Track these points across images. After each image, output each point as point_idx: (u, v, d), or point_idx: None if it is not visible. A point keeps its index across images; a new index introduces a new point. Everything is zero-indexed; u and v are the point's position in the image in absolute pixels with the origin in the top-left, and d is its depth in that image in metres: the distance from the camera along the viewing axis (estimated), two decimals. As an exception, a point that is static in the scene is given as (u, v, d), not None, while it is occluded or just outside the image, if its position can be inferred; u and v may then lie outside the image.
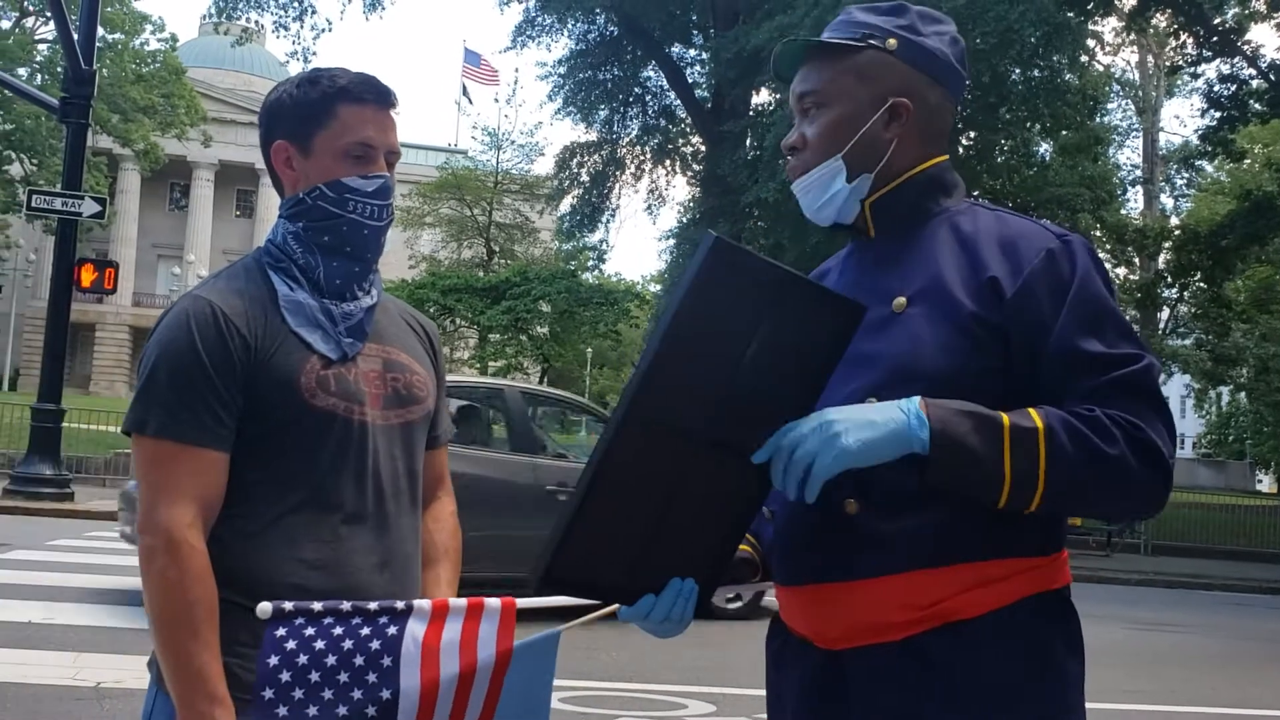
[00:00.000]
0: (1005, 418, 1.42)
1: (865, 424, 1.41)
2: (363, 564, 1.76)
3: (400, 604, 1.59)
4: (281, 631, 1.51)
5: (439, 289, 27.56)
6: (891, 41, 1.61)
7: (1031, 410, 1.44)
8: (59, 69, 26.84)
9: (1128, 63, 39.37)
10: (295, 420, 1.73)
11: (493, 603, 1.61)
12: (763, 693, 1.75)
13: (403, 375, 1.86)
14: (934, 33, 1.64)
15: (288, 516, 1.73)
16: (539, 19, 28.21)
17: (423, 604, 1.60)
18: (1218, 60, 22.84)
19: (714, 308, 1.36)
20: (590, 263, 40.45)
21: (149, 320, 48.72)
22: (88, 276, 14.37)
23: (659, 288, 37.63)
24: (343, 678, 1.52)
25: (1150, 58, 36.98)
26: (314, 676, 1.51)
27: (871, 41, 1.61)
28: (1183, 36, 23.69)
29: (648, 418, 1.36)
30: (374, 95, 1.82)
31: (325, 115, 1.80)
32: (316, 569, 1.72)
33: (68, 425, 15.18)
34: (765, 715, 1.72)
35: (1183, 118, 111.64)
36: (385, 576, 1.79)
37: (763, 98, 25.83)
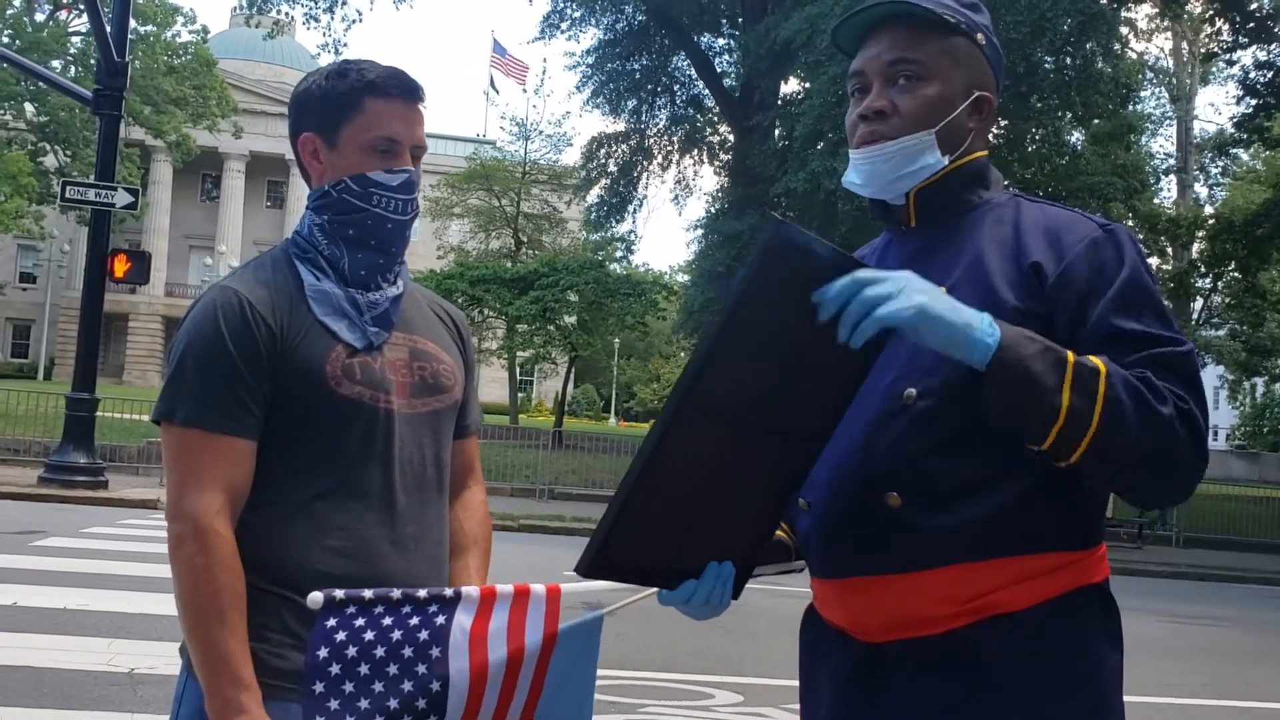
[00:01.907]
0: (1071, 353, 1.40)
1: (948, 303, 1.39)
2: (388, 552, 1.77)
3: (449, 591, 1.61)
4: (331, 622, 1.53)
5: (467, 279, 27.63)
6: (980, 36, 1.61)
7: (1094, 356, 1.41)
8: (92, 61, 27.10)
9: (1161, 50, 38.95)
10: (321, 408, 1.75)
11: (538, 589, 1.63)
12: (790, 683, 1.75)
13: (429, 364, 1.87)
14: (994, 38, 1.66)
15: (314, 504, 1.75)
16: (567, 9, 28.20)
17: (470, 591, 1.62)
18: (1254, 46, 22.53)
19: (775, 293, 1.35)
20: (618, 253, 40.45)
21: (181, 310, 49.08)
22: (121, 267, 14.50)
23: (687, 278, 37.59)
24: (392, 670, 1.54)
25: (1184, 44, 36.53)
26: (363, 669, 1.53)
27: (964, 29, 1.60)
28: (1218, 23, 23.40)
29: (704, 403, 1.36)
30: (401, 90, 1.82)
31: (352, 109, 1.80)
32: (342, 556, 1.73)
33: (101, 414, 15.34)
34: (793, 705, 1.72)
35: (1217, 105, 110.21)
36: (411, 564, 1.80)
37: (791, 87, 25.73)
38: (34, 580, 7.86)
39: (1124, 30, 23.82)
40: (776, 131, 24.23)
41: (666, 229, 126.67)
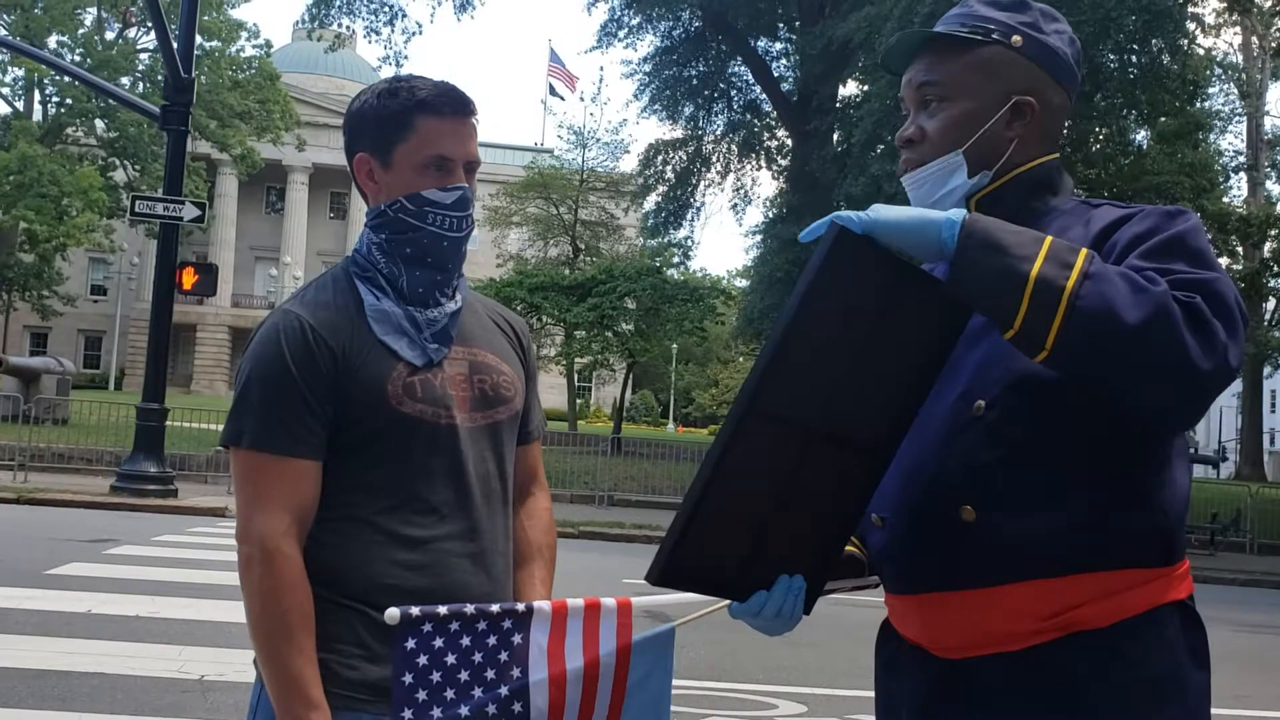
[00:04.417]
0: (1052, 236, 1.36)
1: (911, 209, 1.40)
2: (456, 565, 1.79)
3: (521, 606, 1.63)
4: (411, 644, 1.55)
5: (526, 287, 27.81)
6: (1016, 38, 1.58)
7: None
8: (159, 77, 27.71)
9: (1230, 45, 38.14)
10: (384, 427, 1.76)
11: (609, 602, 1.65)
12: (854, 692, 1.74)
13: (490, 376, 1.88)
14: (1054, 31, 1.62)
15: (382, 519, 1.76)
16: (624, 18, 28.31)
17: (543, 606, 1.64)
18: (1327, 40, 21.95)
19: (836, 300, 1.35)
20: (675, 259, 40.47)
21: (247, 320, 50.09)
22: (189, 279, 14.80)
23: (745, 283, 37.51)
24: (477, 693, 1.57)
25: (1254, 39, 35.75)
26: (449, 694, 1.55)
27: (996, 37, 1.58)
28: (1289, 17, 22.81)
29: (767, 411, 1.36)
30: (452, 106, 1.83)
31: (404, 128, 1.81)
32: (412, 569, 1.75)
33: (171, 424, 15.66)
34: (856, 715, 1.70)
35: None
36: (479, 576, 1.81)
37: (850, 89, 25.59)
38: (107, 588, 8.04)
39: (1191, 26, 23.36)
40: (835, 136, 24.11)
41: (724, 233, 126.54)
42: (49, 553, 9.59)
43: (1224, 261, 31.00)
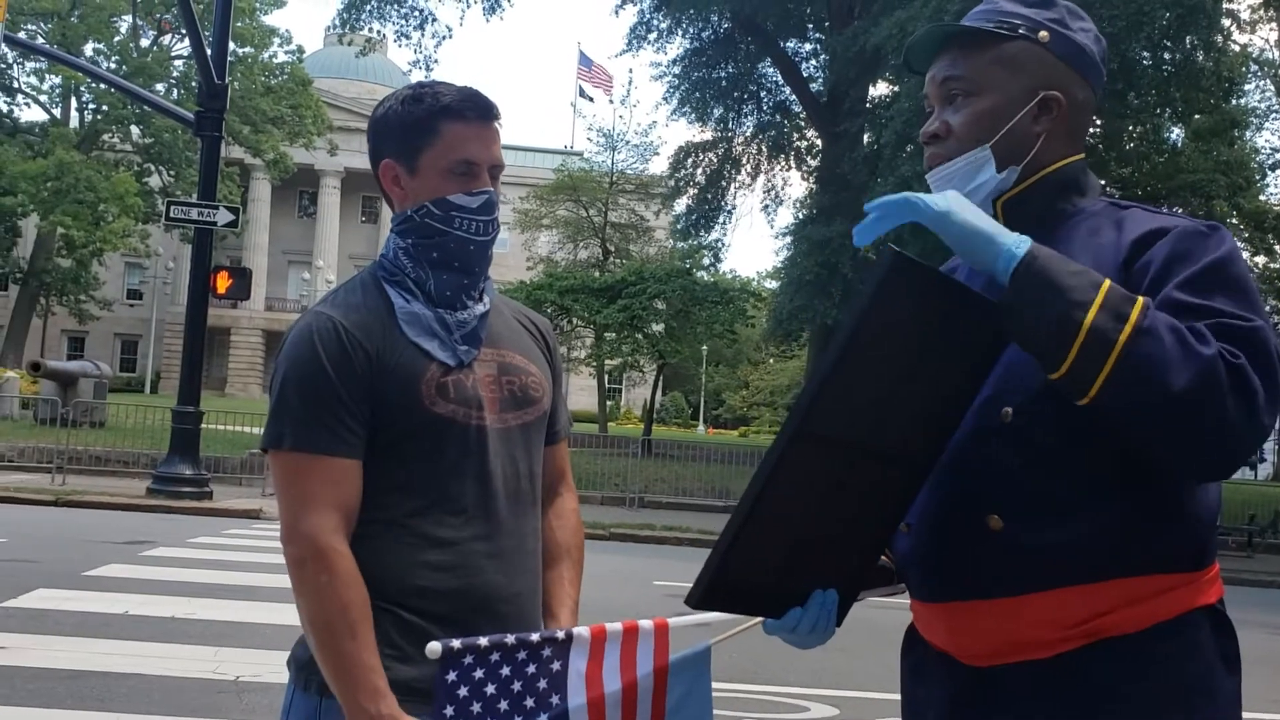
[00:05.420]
0: (1110, 280, 1.35)
1: (982, 215, 1.40)
2: (486, 565, 1.80)
3: (560, 633, 1.65)
4: (452, 676, 1.56)
5: (556, 290, 27.85)
6: (1043, 34, 1.57)
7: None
8: (194, 84, 27.99)
9: (1266, 41, 37.67)
10: (417, 428, 1.78)
11: (646, 624, 1.67)
12: (886, 696, 1.74)
13: (518, 377, 1.90)
14: (1081, 28, 1.60)
15: (413, 520, 1.78)
16: (654, 20, 28.31)
17: (582, 632, 1.65)
18: (1365, 36, 21.64)
19: (891, 323, 1.35)
20: (705, 261, 40.46)
21: (281, 324, 50.46)
22: (223, 283, 14.94)
23: (775, 284, 37.42)
24: None
25: (1291, 35, 35.27)
26: None
27: (1022, 32, 1.56)
28: (1327, 12, 22.52)
29: (818, 432, 1.36)
30: (476, 111, 1.84)
31: (429, 133, 1.83)
32: (441, 570, 1.76)
33: (206, 427, 15.81)
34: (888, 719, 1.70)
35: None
36: (509, 577, 1.82)
37: (880, 90, 25.47)
38: (143, 589, 8.13)
39: (1226, 22, 23.07)
40: (865, 137, 24.02)
41: (754, 235, 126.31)
42: (86, 554, 9.71)
43: (1260, 260, 30.63)
